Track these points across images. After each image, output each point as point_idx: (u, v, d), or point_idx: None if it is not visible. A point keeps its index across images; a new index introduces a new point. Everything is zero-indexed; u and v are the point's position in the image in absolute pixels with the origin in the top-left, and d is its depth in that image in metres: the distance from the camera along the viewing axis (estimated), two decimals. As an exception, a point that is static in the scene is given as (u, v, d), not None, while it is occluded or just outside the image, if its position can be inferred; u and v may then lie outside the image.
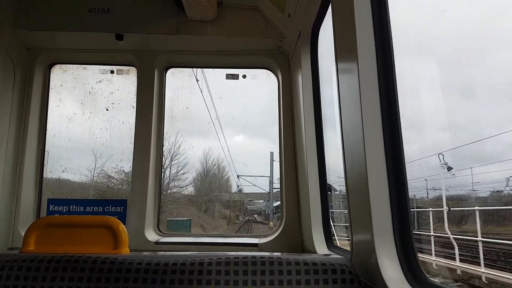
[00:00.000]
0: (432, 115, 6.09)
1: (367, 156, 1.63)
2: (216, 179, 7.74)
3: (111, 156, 3.91)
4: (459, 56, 5.75)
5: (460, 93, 6.14)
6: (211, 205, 8.77)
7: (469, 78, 5.79)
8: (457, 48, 6.04)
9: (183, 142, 4.96)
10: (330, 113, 2.84)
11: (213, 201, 8.79)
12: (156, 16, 3.21)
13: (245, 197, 9.31)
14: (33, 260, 1.79)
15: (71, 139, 3.87)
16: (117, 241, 2.07)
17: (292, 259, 1.74)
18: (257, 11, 3.24)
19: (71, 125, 3.78)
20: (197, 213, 8.44)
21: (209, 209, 8.75)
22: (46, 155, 3.52)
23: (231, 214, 10.11)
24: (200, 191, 8.01)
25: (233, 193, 8.62)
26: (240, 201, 10.02)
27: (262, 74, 3.63)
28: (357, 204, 1.77)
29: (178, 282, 1.69)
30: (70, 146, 3.92)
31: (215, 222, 9.18)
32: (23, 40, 3.29)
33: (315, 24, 2.76)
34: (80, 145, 3.91)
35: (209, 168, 7.03)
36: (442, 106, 5.87)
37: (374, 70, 1.67)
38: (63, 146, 3.88)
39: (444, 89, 5.63)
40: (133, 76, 3.56)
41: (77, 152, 3.94)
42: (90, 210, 3.24)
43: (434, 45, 5.55)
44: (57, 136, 3.67)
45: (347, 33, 1.79)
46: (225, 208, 9.73)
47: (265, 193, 8.03)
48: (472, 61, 5.72)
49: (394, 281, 1.53)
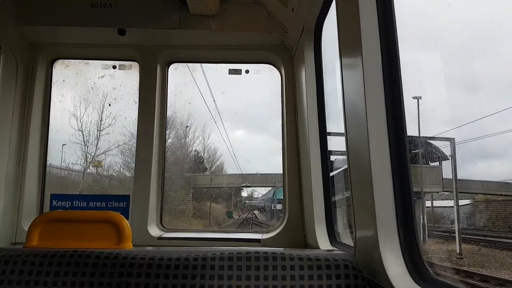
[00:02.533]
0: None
1: (371, 152, 1.62)
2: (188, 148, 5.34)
3: (113, 151, 3.92)
4: (467, 48, 5.73)
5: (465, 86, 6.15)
6: (178, 195, 5.91)
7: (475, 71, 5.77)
8: (464, 41, 6.01)
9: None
10: (333, 108, 2.83)
11: (187, 187, 6.15)
12: (158, 11, 3.20)
13: (240, 180, 6.61)
14: (37, 255, 1.80)
15: (73, 134, 3.88)
16: (120, 236, 2.08)
17: (295, 254, 1.74)
18: (260, 5, 3.22)
19: (74, 120, 3.78)
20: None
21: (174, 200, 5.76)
22: (49, 150, 3.53)
23: (212, 211, 6.94)
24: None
25: (216, 174, 6.18)
26: (232, 189, 7.23)
27: (265, 69, 3.61)
28: (361, 199, 1.77)
29: (181, 277, 1.70)
30: (73, 140, 3.93)
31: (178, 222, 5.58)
32: (26, 35, 3.29)
33: (319, 19, 2.74)
34: (83, 140, 3.92)
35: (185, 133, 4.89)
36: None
37: (379, 65, 1.66)
38: (66, 141, 3.89)
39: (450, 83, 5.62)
40: (136, 71, 3.55)
41: (79, 146, 3.95)
42: (93, 205, 3.24)
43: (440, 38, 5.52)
44: (60, 131, 3.68)
45: (352, 27, 1.77)
46: (213, 200, 6.89)
47: (270, 175, 5.87)
48: (479, 53, 5.69)
49: (397, 277, 1.52)
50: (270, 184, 6.93)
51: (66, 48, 3.50)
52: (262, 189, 7.74)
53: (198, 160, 6.21)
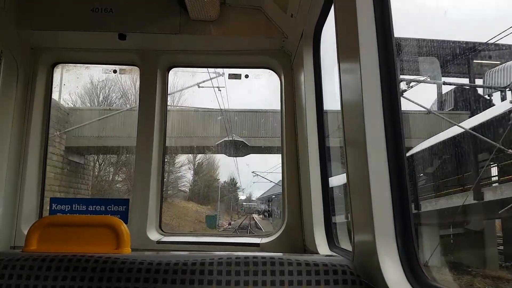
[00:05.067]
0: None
1: (369, 157, 1.63)
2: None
3: (113, 155, 3.92)
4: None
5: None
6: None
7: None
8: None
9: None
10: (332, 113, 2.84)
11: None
12: (159, 16, 3.22)
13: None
14: (36, 259, 1.80)
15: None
16: (119, 240, 2.08)
17: (293, 259, 1.74)
18: (259, 11, 3.24)
19: (73, 125, 3.79)
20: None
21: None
22: (49, 155, 3.53)
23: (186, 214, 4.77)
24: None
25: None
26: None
27: (264, 74, 3.63)
28: (359, 205, 1.77)
29: (179, 282, 1.69)
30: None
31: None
32: (27, 40, 3.30)
33: (318, 24, 2.76)
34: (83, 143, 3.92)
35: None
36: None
37: (377, 70, 1.67)
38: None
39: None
40: (136, 76, 3.57)
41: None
42: (92, 209, 3.24)
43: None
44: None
45: (350, 33, 1.79)
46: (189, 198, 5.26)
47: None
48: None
49: (395, 282, 1.52)
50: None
51: (67, 52, 3.51)
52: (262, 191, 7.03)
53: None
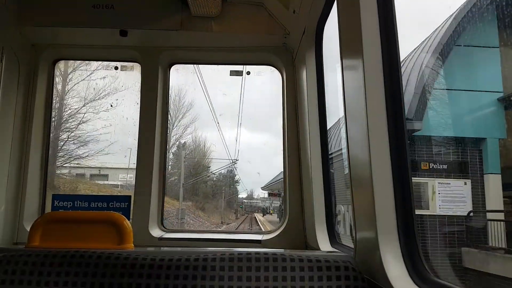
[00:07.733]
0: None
1: (372, 154, 1.63)
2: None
3: (115, 152, 3.93)
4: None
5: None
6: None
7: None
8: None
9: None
10: (334, 110, 2.83)
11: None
12: (160, 12, 3.21)
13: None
14: (38, 255, 1.81)
15: (75, 134, 3.89)
16: (121, 236, 2.09)
17: (295, 255, 1.74)
18: (261, 7, 3.23)
19: (75, 121, 3.80)
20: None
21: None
22: (51, 151, 3.54)
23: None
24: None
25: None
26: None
27: (266, 70, 3.62)
28: (361, 201, 1.77)
29: (182, 278, 1.70)
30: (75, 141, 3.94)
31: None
32: (28, 36, 3.30)
33: (320, 21, 2.75)
34: (85, 140, 3.92)
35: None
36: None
37: (380, 67, 1.67)
38: (67, 141, 3.90)
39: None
40: (137, 72, 3.56)
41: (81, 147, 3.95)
42: (94, 205, 3.25)
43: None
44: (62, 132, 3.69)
45: (353, 29, 1.78)
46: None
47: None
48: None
49: (397, 279, 1.52)
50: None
51: (68, 49, 3.51)
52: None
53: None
